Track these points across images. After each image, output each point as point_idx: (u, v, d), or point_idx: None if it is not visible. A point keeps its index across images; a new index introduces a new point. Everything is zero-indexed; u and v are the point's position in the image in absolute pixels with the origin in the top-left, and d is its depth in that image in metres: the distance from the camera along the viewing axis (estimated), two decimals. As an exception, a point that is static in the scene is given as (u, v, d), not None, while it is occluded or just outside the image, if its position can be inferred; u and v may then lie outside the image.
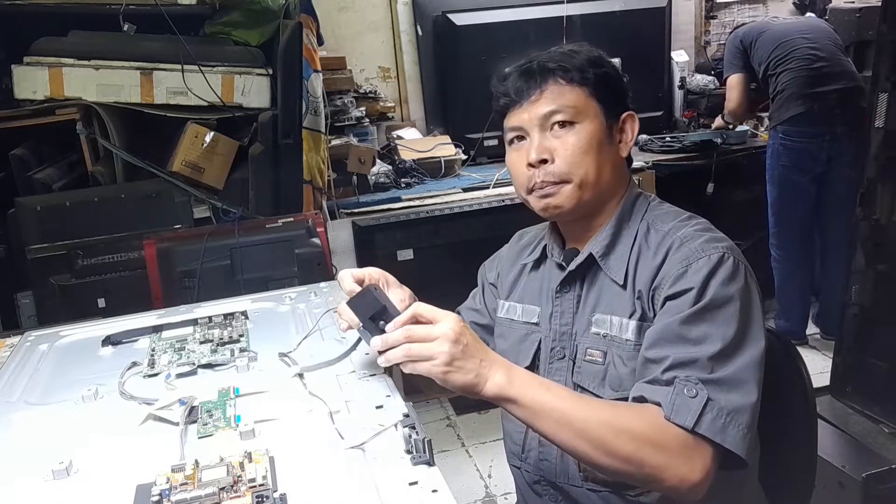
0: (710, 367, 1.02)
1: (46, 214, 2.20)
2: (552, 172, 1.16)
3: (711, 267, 1.07)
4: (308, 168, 2.53)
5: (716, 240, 1.12)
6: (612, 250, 1.19)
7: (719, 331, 1.03)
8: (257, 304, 1.50)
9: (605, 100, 1.19)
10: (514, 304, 1.32)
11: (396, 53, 3.59)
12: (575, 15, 3.42)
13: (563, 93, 1.17)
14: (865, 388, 2.28)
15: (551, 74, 1.18)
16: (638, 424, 0.99)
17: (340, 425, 0.98)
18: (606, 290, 1.18)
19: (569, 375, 1.19)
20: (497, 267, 1.40)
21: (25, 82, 2.27)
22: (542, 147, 1.17)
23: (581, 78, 1.17)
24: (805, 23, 3.29)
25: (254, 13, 2.44)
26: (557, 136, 1.17)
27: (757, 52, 3.16)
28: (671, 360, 1.03)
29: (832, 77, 3.04)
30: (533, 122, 1.18)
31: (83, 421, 1.07)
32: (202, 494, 0.82)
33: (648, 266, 1.14)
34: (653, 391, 1.02)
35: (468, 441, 2.86)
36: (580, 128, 1.16)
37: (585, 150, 1.16)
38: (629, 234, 1.19)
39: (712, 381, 1.01)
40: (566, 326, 1.22)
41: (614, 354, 1.15)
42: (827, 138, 3.02)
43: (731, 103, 3.29)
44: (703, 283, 1.06)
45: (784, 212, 3.17)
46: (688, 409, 0.99)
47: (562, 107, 1.16)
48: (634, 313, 1.13)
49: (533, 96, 1.18)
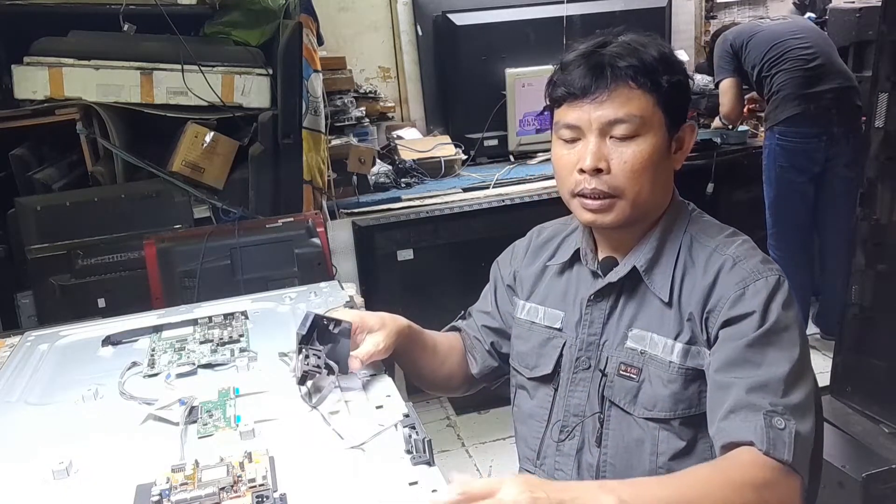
0: (783, 391, 1.00)
1: (46, 214, 2.20)
2: (605, 183, 1.10)
3: (770, 290, 1.05)
4: (308, 168, 2.52)
5: (768, 261, 1.10)
6: (657, 264, 1.14)
7: (785, 354, 1.03)
8: (257, 304, 1.50)
9: (672, 111, 1.12)
10: (535, 305, 1.28)
11: (396, 53, 3.58)
12: (575, 15, 3.42)
13: (632, 99, 1.08)
14: (865, 388, 2.28)
15: (622, 75, 1.08)
16: (749, 475, 0.95)
17: (340, 425, 0.98)
18: (648, 306, 1.14)
19: (594, 387, 1.17)
20: (512, 264, 1.35)
21: (25, 82, 2.27)
22: (600, 155, 1.09)
23: (653, 85, 1.09)
24: (795, 23, 3.30)
25: (254, 13, 2.44)
26: (616, 146, 1.09)
27: (749, 54, 3.17)
28: (745, 385, 1.01)
29: (827, 77, 3.05)
30: (593, 125, 1.09)
31: (83, 421, 1.07)
32: (202, 494, 0.82)
33: (698, 286, 1.10)
34: (738, 429, 0.99)
35: (468, 441, 2.86)
36: (642, 140, 1.09)
37: (645, 166, 1.09)
38: (672, 247, 1.15)
39: (790, 408, 0.99)
40: (594, 336, 1.18)
41: (651, 373, 1.12)
42: (824, 138, 3.03)
43: (725, 108, 3.30)
44: (764, 306, 1.04)
45: (782, 212, 3.18)
46: (783, 442, 0.97)
47: (628, 116, 1.08)
48: (681, 335, 1.10)
49: (599, 97, 1.08)
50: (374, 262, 2.85)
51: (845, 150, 3.01)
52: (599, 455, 1.17)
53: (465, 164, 3.28)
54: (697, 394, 1.10)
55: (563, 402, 1.21)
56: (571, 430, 1.20)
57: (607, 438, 1.16)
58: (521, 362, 1.29)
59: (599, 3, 3.53)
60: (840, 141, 3.01)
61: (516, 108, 3.23)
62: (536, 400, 1.26)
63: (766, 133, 3.18)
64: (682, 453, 1.12)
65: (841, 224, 2.95)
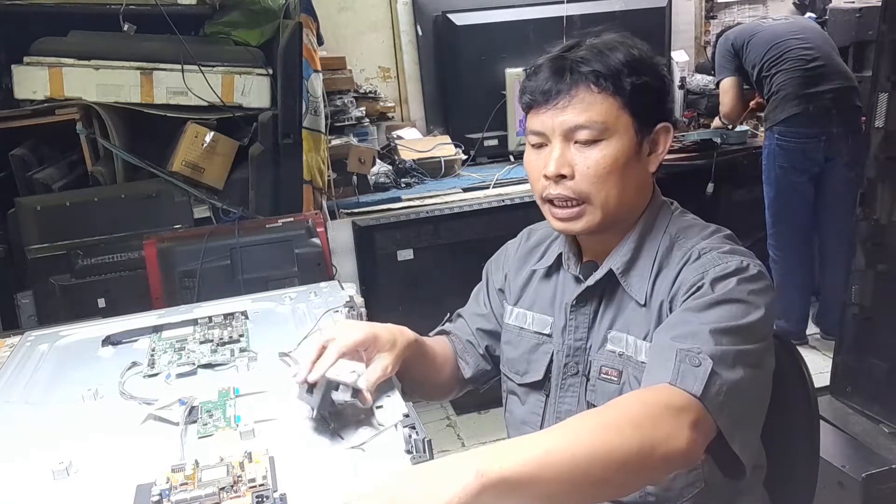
0: (715, 340, 0.95)
1: (46, 214, 2.20)
2: (570, 189, 1.09)
3: (728, 271, 1.03)
4: (308, 168, 2.52)
5: (737, 252, 1.08)
6: (634, 266, 1.13)
7: (725, 316, 0.98)
8: (257, 304, 1.50)
9: (640, 112, 1.09)
10: (523, 311, 1.27)
11: (396, 53, 3.58)
12: (575, 15, 3.42)
13: (594, 104, 1.07)
14: (865, 388, 2.29)
15: (583, 79, 1.07)
16: (647, 395, 0.91)
17: (340, 426, 0.98)
18: (625, 308, 1.13)
19: (582, 392, 1.16)
20: (504, 267, 1.34)
21: (25, 82, 2.27)
22: (563, 160, 1.08)
23: (615, 87, 1.07)
24: (796, 23, 3.29)
25: (254, 13, 2.44)
26: (581, 151, 1.08)
27: (749, 54, 3.17)
28: (670, 335, 0.98)
29: (827, 77, 3.04)
30: (556, 130, 1.09)
31: (83, 421, 1.07)
32: (202, 494, 0.82)
33: (668, 279, 1.09)
34: (652, 374, 0.95)
35: (468, 441, 2.86)
36: (606, 145, 1.08)
37: (609, 171, 1.08)
38: (651, 249, 1.14)
39: (714, 354, 0.93)
40: (580, 342, 1.17)
41: (630, 375, 1.11)
42: (823, 138, 3.03)
43: (726, 107, 3.30)
44: (714, 280, 1.02)
45: (781, 212, 3.17)
46: (694, 377, 0.91)
47: (590, 122, 1.07)
48: (649, 334, 1.09)
49: (561, 102, 1.08)
50: (374, 262, 2.84)
51: (845, 150, 3.01)
52: None
53: (465, 164, 3.28)
54: None
55: (553, 408, 1.20)
56: None
57: None
58: (511, 368, 1.28)
59: (599, 3, 3.53)
60: (840, 141, 3.01)
61: (516, 108, 3.22)
62: (528, 406, 1.24)
63: (766, 133, 3.18)
64: None
65: (841, 224, 2.95)
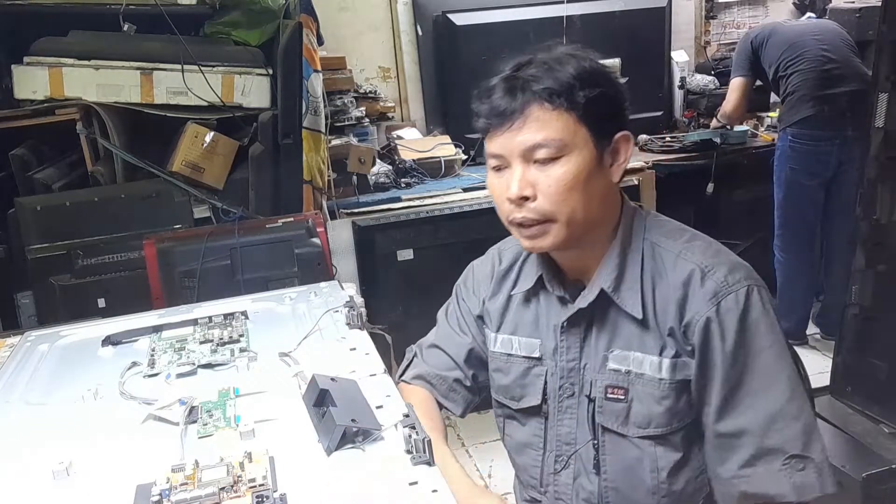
0: (789, 425, 1.03)
1: (46, 214, 2.20)
2: (534, 210, 1.07)
3: (742, 306, 1.06)
4: (308, 168, 2.52)
5: (735, 267, 1.09)
6: (623, 281, 1.12)
7: (772, 379, 1.05)
8: (257, 304, 1.50)
9: (597, 124, 1.07)
10: (507, 336, 1.24)
11: (396, 53, 3.59)
12: (575, 15, 3.42)
13: (549, 121, 1.05)
14: (865, 388, 2.28)
15: (536, 97, 1.05)
16: None
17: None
18: (623, 325, 1.12)
19: (582, 413, 1.16)
20: (477, 293, 1.30)
21: (25, 82, 2.27)
22: (524, 182, 1.07)
23: (569, 102, 1.05)
24: (816, 24, 3.28)
25: (254, 13, 2.44)
26: (541, 170, 1.06)
27: (767, 53, 3.15)
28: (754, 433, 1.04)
29: (843, 79, 3.01)
30: (514, 152, 1.07)
31: (83, 421, 1.07)
32: (202, 494, 0.82)
33: (672, 300, 1.09)
34: (763, 481, 1.04)
35: (468, 441, 2.86)
36: (566, 161, 1.06)
37: (571, 187, 1.06)
38: (635, 259, 1.13)
39: (805, 443, 1.03)
40: (573, 362, 1.16)
41: (638, 391, 1.11)
42: (837, 142, 3.00)
43: (728, 105, 3.29)
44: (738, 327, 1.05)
45: (790, 214, 3.15)
46: (811, 485, 1.02)
47: (546, 140, 1.05)
48: (665, 349, 1.09)
49: (516, 123, 1.06)
50: (374, 262, 2.84)
51: (857, 153, 2.97)
52: (599, 482, 1.15)
53: (465, 164, 3.28)
54: (688, 404, 1.10)
55: (553, 431, 1.19)
56: (566, 459, 1.18)
57: (605, 464, 1.15)
58: (505, 395, 1.26)
59: (599, 3, 3.54)
60: (853, 145, 2.93)
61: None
62: (529, 428, 1.23)
63: (780, 134, 3.16)
64: (679, 465, 1.12)
65: (850, 228, 2.93)
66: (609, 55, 3.46)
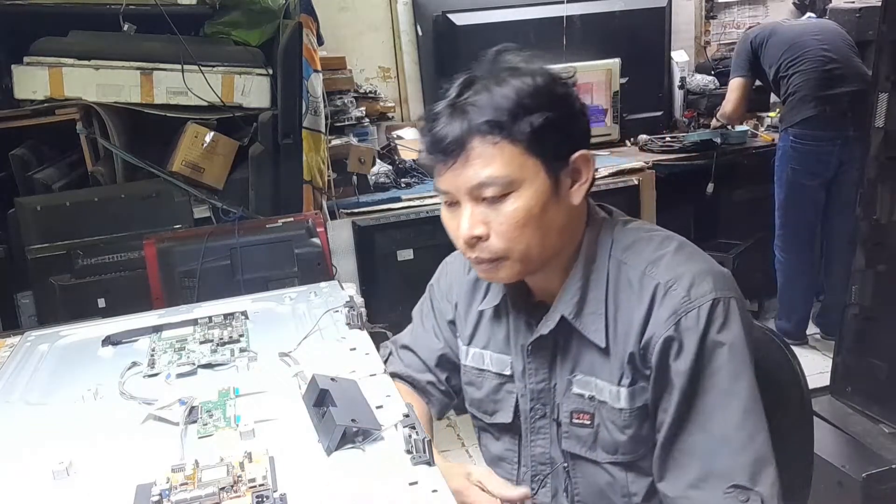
0: (738, 454, 0.96)
1: (46, 214, 2.20)
2: (487, 250, 1.01)
3: (704, 323, 0.97)
4: (308, 168, 2.53)
5: (703, 276, 1.00)
6: (585, 305, 1.05)
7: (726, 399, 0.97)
8: (257, 304, 1.50)
9: (547, 151, 0.99)
10: (479, 350, 1.20)
11: (396, 53, 3.59)
12: (575, 15, 3.42)
13: (493, 157, 0.97)
14: (865, 388, 2.29)
15: (477, 131, 0.96)
16: None
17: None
18: (587, 349, 1.07)
19: (554, 436, 1.13)
20: (450, 297, 1.26)
21: (25, 82, 2.27)
22: (475, 221, 1.00)
23: (512, 134, 0.96)
24: (816, 24, 3.27)
25: (254, 13, 2.44)
26: (491, 207, 0.99)
27: (767, 53, 3.14)
28: (700, 454, 0.98)
29: (844, 79, 3.01)
30: (461, 190, 1.00)
31: (83, 421, 1.07)
32: (202, 494, 0.82)
33: (635, 322, 1.02)
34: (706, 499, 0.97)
35: (468, 441, 2.86)
36: (517, 196, 0.98)
37: (524, 223, 0.99)
38: (599, 281, 1.05)
39: (752, 475, 0.96)
40: (543, 383, 1.12)
41: (604, 417, 1.06)
42: (838, 142, 3.00)
43: (728, 106, 3.28)
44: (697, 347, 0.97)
45: (791, 215, 3.15)
46: None
47: (491, 178, 0.97)
48: (623, 377, 1.03)
49: (458, 160, 0.98)
50: (374, 262, 2.85)
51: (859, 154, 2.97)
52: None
53: (464, 164, 3.28)
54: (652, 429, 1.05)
55: (527, 450, 1.17)
56: (543, 479, 1.16)
57: (577, 487, 1.12)
58: (478, 408, 1.23)
59: (599, 3, 3.54)
60: (854, 145, 2.91)
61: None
62: (503, 443, 1.21)
63: (781, 134, 3.15)
64: (652, 490, 1.07)
65: (850, 228, 2.93)
66: (609, 55, 3.47)
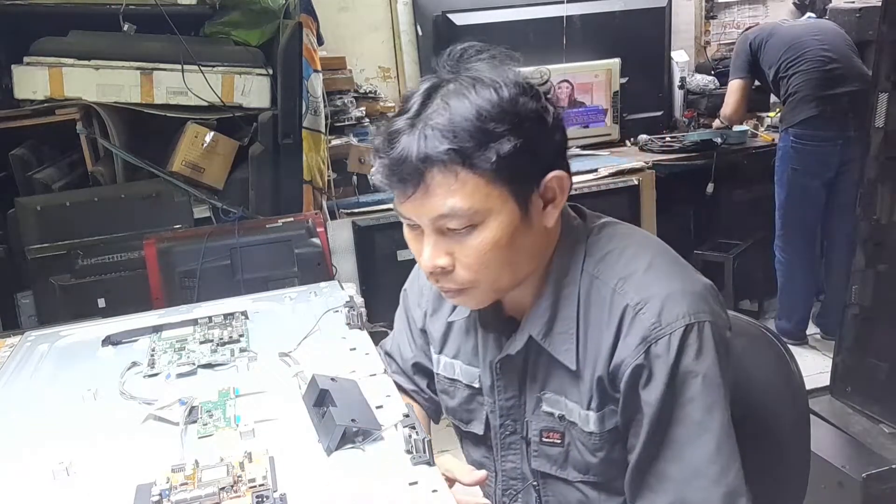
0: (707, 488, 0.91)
1: (46, 214, 2.20)
2: (452, 280, 0.96)
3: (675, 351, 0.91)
4: (308, 168, 2.53)
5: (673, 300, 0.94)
6: (555, 324, 1.00)
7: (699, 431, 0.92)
8: (257, 304, 1.50)
9: (516, 178, 0.91)
10: (449, 360, 1.17)
11: (396, 53, 3.59)
12: (575, 15, 3.42)
13: (455, 189, 0.88)
14: (865, 388, 2.28)
15: (437, 161, 0.87)
16: None
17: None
18: (555, 369, 1.02)
19: (524, 454, 1.09)
20: (421, 304, 1.22)
21: (25, 82, 2.28)
22: (438, 251, 0.94)
23: (477, 165, 0.87)
24: (815, 24, 3.27)
25: (254, 13, 2.44)
26: (455, 238, 0.93)
27: (766, 54, 3.14)
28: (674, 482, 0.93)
29: (845, 79, 3.00)
30: (423, 220, 0.92)
31: (83, 421, 1.07)
32: (202, 494, 0.82)
33: (604, 346, 0.97)
34: None
35: (468, 441, 2.85)
36: (483, 228, 0.91)
37: (491, 256, 0.93)
38: (570, 298, 1.00)
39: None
40: (513, 399, 1.08)
41: (574, 437, 1.03)
42: (839, 142, 2.99)
43: (728, 108, 3.29)
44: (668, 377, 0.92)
45: (792, 215, 3.15)
46: None
47: (453, 211, 0.89)
48: (592, 401, 0.99)
49: (417, 191, 0.89)
50: (374, 262, 2.84)
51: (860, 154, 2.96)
52: None
53: (464, 164, 3.28)
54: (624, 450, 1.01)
55: (499, 465, 1.15)
56: (515, 494, 1.13)
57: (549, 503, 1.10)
58: (454, 416, 1.21)
59: (599, 3, 3.54)
60: (855, 145, 2.89)
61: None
62: (479, 452, 1.19)
63: (781, 135, 3.14)
64: None
65: (851, 228, 2.93)
66: (609, 55, 3.47)
